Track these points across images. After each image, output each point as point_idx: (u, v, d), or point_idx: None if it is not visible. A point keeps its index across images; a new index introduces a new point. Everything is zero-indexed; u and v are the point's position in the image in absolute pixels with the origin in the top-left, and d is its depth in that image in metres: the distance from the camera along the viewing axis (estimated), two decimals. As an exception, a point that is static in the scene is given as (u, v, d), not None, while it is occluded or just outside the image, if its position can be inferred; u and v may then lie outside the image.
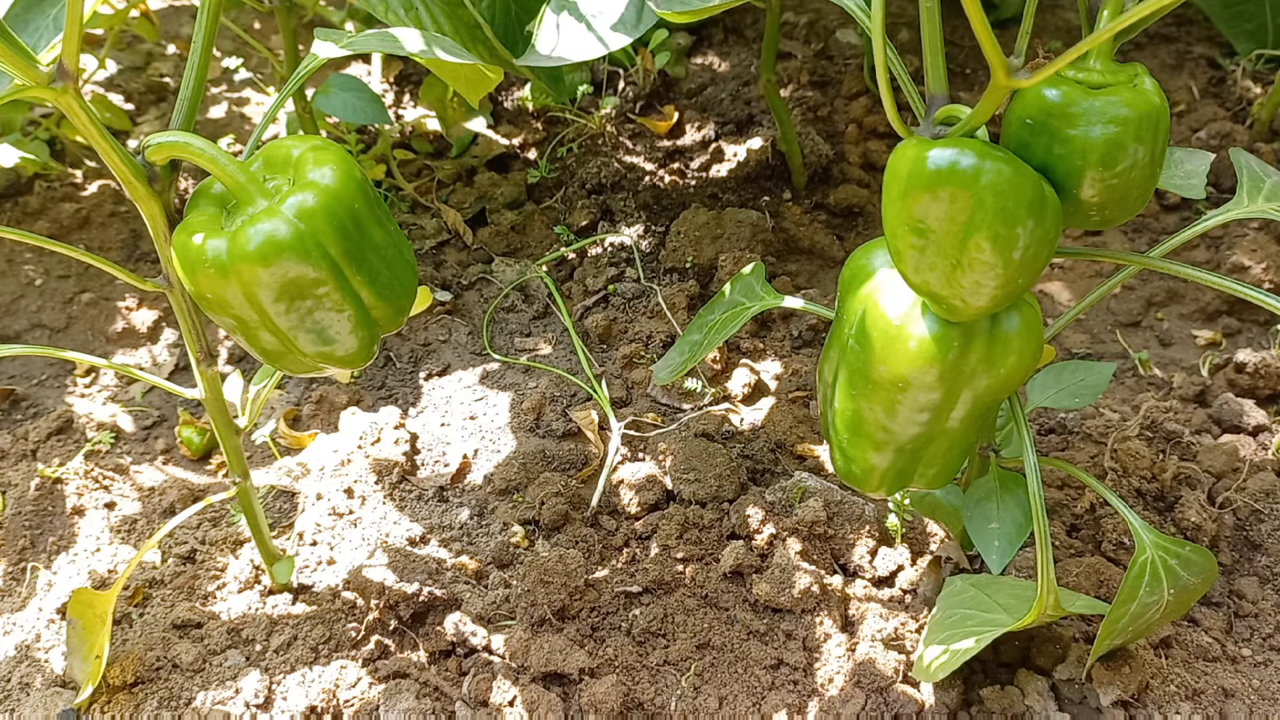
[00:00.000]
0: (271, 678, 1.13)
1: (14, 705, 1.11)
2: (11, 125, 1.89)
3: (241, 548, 1.29)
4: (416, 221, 1.84)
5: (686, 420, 1.44)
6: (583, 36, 1.07)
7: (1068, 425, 1.42)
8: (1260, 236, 1.67)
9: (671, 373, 1.11)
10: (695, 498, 1.32)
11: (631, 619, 1.19)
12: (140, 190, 0.79)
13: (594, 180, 1.83)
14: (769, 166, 1.85)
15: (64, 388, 1.60)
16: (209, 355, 0.96)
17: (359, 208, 0.78)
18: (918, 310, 0.79)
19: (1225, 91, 2.01)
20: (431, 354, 1.61)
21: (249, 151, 0.85)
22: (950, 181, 0.68)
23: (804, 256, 1.76)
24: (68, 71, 0.71)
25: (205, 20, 0.81)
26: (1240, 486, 1.30)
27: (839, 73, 2.06)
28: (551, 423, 1.47)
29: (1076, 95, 0.71)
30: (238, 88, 2.20)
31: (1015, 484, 1.01)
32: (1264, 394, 1.46)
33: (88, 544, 1.31)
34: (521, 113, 2.04)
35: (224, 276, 0.75)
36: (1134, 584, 0.92)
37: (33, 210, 1.85)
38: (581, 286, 1.70)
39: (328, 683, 1.12)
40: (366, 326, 0.83)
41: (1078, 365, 1.18)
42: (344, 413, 1.48)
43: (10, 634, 1.19)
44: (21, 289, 1.74)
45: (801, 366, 1.53)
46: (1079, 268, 1.74)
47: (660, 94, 2.04)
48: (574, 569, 1.21)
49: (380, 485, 1.35)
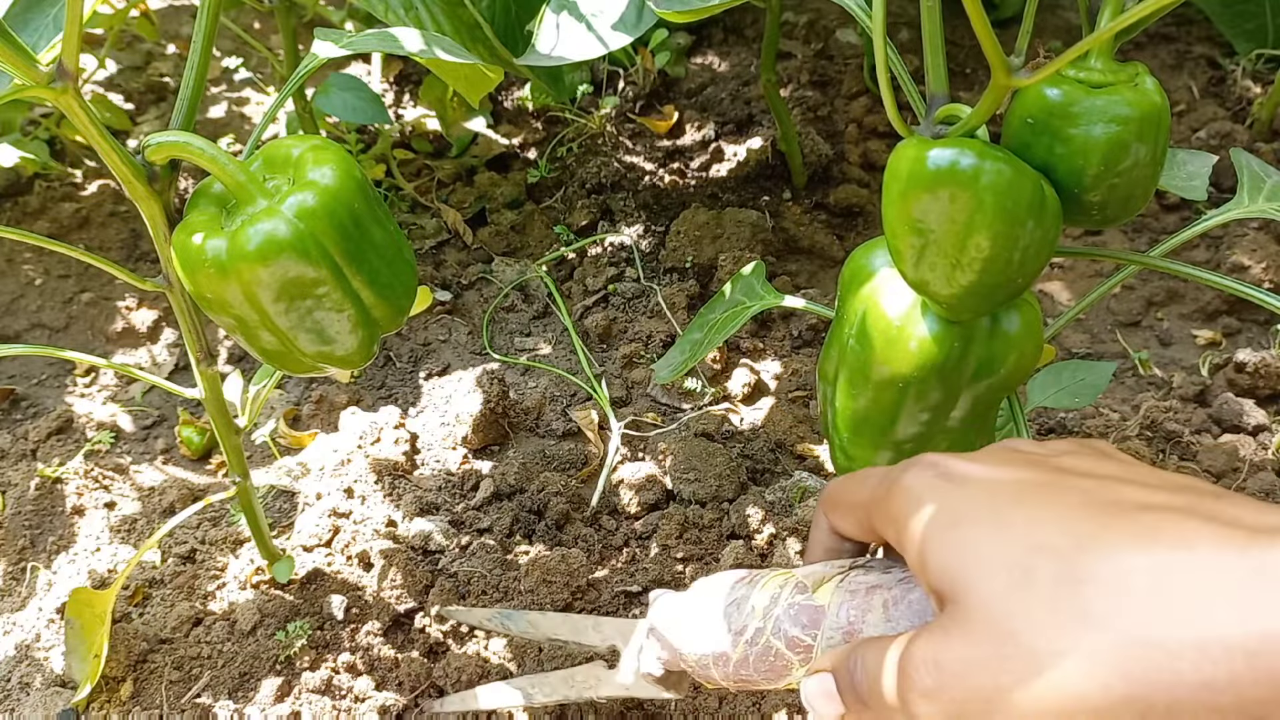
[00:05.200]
0: (272, 676, 1.13)
1: (14, 705, 1.11)
2: (11, 125, 1.89)
3: (241, 547, 1.29)
4: (416, 221, 1.84)
5: (686, 420, 1.44)
6: (583, 36, 1.07)
7: (1068, 425, 1.42)
8: (1260, 236, 1.67)
9: (672, 372, 1.11)
10: (695, 497, 1.32)
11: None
12: (140, 190, 0.79)
13: (594, 180, 1.83)
14: (769, 166, 1.85)
15: (64, 387, 1.60)
16: (209, 355, 0.96)
17: (359, 207, 0.78)
18: (918, 310, 0.79)
19: (1225, 91, 2.01)
20: (431, 354, 1.61)
21: (249, 151, 0.85)
22: (950, 181, 0.67)
23: (804, 256, 1.76)
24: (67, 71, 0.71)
25: (205, 20, 0.81)
26: (1240, 486, 1.30)
27: (839, 72, 2.06)
28: (551, 422, 1.47)
29: (1077, 94, 0.71)
30: (238, 88, 2.20)
31: (1015, 484, 1.01)
32: (1264, 394, 1.46)
33: (87, 544, 1.31)
34: (521, 112, 2.04)
35: (224, 276, 0.75)
36: (1134, 584, 0.92)
37: (33, 210, 1.85)
38: (581, 286, 1.70)
39: (319, 681, 1.12)
40: (366, 326, 0.82)
41: (1078, 365, 1.18)
42: (344, 412, 1.48)
43: (10, 634, 1.19)
44: (21, 289, 1.74)
45: (801, 366, 1.53)
46: (1079, 267, 1.74)
47: (660, 94, 2.04)
48: (576, 568, 1.21)
49: (380, 485, 1.35)
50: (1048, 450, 0.60)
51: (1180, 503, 0.50)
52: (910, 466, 0.60)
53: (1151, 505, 0.50)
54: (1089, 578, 0.47)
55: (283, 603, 1.19)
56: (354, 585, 1.22)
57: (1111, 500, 0.51)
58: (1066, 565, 0.48)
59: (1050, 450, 0.60)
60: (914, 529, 0.56)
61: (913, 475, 0.59)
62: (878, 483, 0.62)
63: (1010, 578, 0.50)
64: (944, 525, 0.54)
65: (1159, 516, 0.48)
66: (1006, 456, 0.59)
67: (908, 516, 0.57)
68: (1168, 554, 0.46)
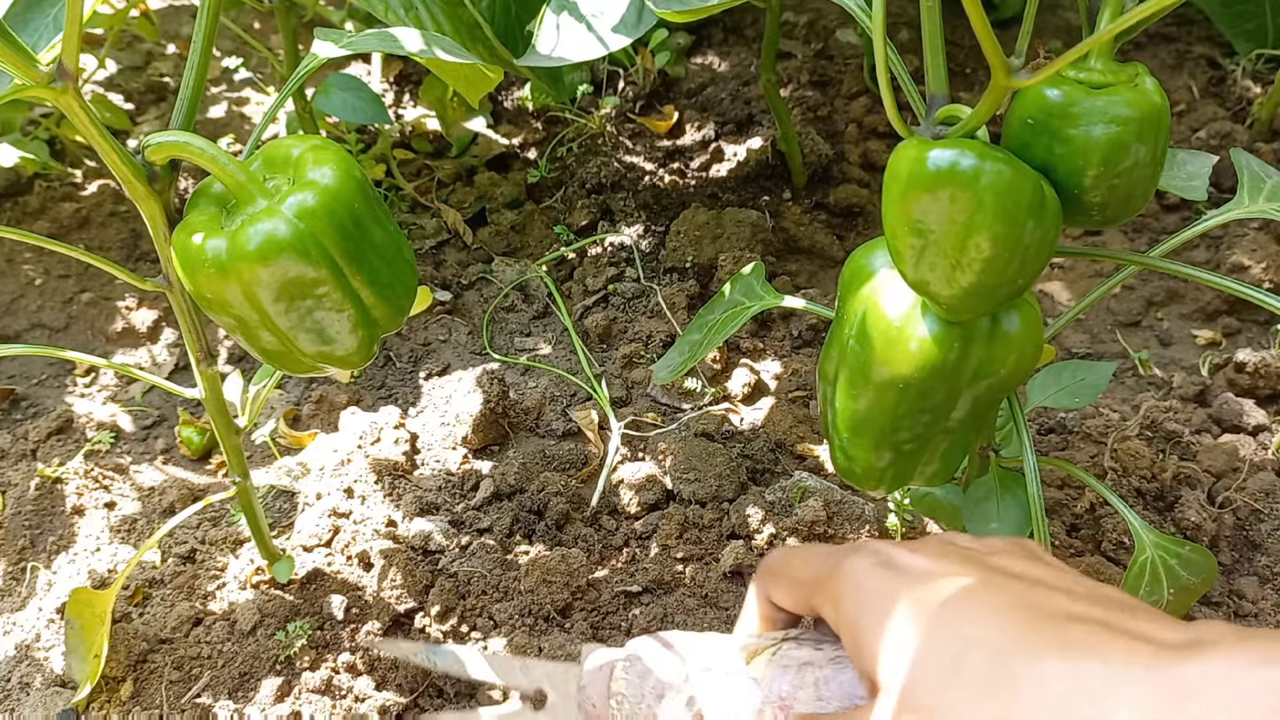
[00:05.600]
0: (272, 676, 1.13)
1: (14, 705, 1.11)
2: (11, 125, 1.89)
3: (241, 547, 1.29)
4: (416, 221, 1.84)
5: (686, 420, 1.44)
6: (583, 37, 1.07)
7: (1068, 425, 1.42)
8: (1260, 236, 1.67)
9: (671, 372, 1.11)
10: (695, 497, 1.32)
11: (631, 619, 1.19)
12: (140, 190, 0.79)
13: (594, 180, 1.83)
14: (769, 166, 1.85)
15: (64, 387, 1.60)
16: (209, 355, 0.96)
17: (359, 207, 0.78)
18: (918, 310, 0.79)
19: (1225, 91, 2.01)
20: (431, 354, 1.61)
21: (249, 151, 0.85)
22: (950, 182, 0.67)
23: (804, 256, 1.76)
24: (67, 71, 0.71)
25: (205, 20, 0.81)
26: (1240, 486, 1.30)
27: (839, 72, 2.06)
28: (551, 422, 1.47)
29: (1077, 95, 0.71)
30: (237, 87, 2.20)
31: (1015, 484, 1.01)
32: (1264, 394, 1.46)
33: (87, 544, 1.31)
34: (521, 112, 2.04)
35: (224, 276, 0.75)
36: (1134, 584, 0.92)
37: (33, 210, 1.85)
38: (581, 286, 1.70)
39: (319, 681, 1.12)
40: (366, 326, 0.82)
41: (1078, 365, 1.18)
42: (344, 412, 1.48)
43: (10, 634, 1.19)
44: (21, 289, 1.74)
45: (801, 366, 1.53)
46: (1079, 267, 1.74)
47: (660, 94, 2.04)
48: (576, 568, 1.21)
49: (380, 485, 1.35)
50: (984, 548, 0.64)
51: (1099, 614, 0.54)
52: (853, 552, 0.63)
53: (1074, 615, 0.54)
54: (1014, 676, 0.51)
55: (283, 603, 1.19)
56: (354, 585, 1.22)
57: (1039, 605, 0.55)
58: (994, 662, 0.52)
59: (987, 548, 0.64)
60: (852, 615, 0.60)
61: (856, 561, 0.62)
62: (821, 562, 0.66)
63: (940, 668, 0.53)
64: (881, 614, 0.58)
65: (1080, 627, 0.52)
66: (945, 550, 0.62)
67: (848, 601, 0.61)
68: (1084, 663, 0.50)
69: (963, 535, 0.67)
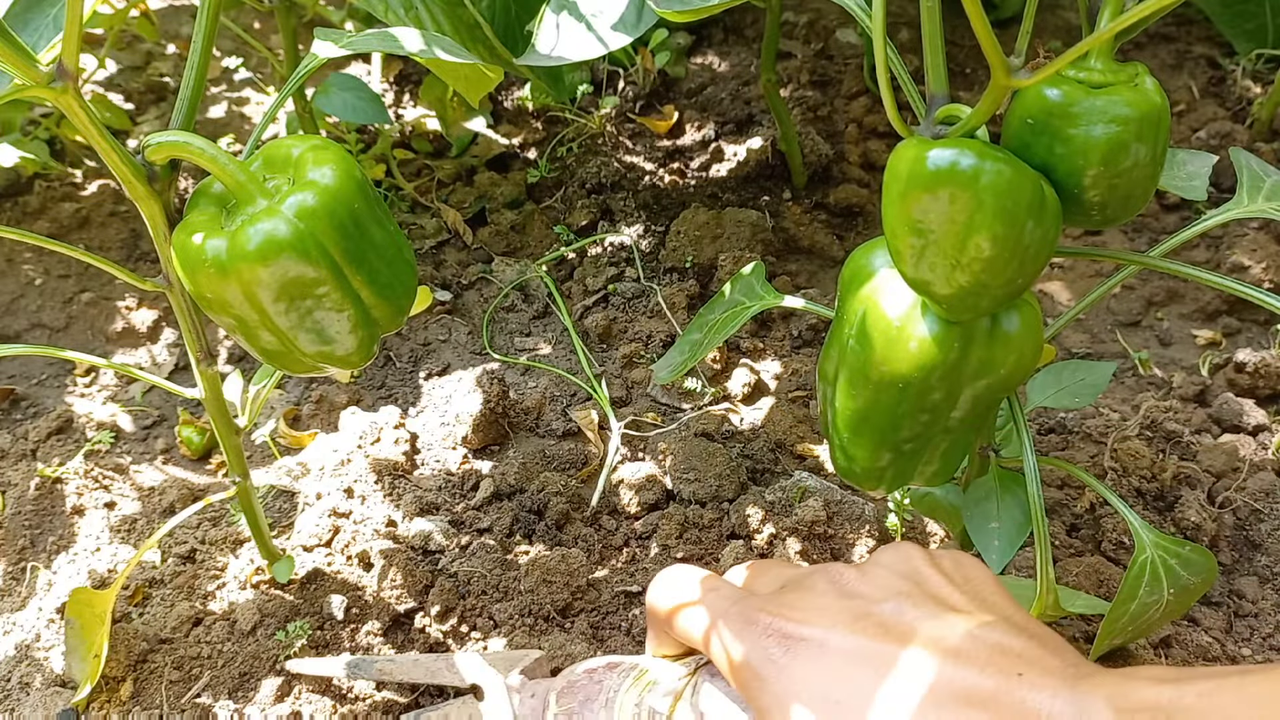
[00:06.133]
0: (272, 676, 1.13)
1: (14, 705, 1.11)
2: (11, 125, 1.89)
3: (241, 547, 1.29)
4: (416, 221, 1.84)
5: (686, 420, 1.44)
6: (583, 36, 1.07)
7: (1068, 425, 1.42)
8: (1260, 236, 1.67)
9: (671, 372, 1.11)
10: (695, 497, 1.32)
11: (632, 618, 1.19)
12: (140, 190, 0.79)
13: (594, 180, 1.83)
14: (769, 166, 1.85)
15: (64, 387, 1.60)
16: (209, 355, 0.96)
17: (359, 207, 0.78)
18: (918, 310, 0.79)
19: (1225, 91, 2.01)
20: (431, 354, 1.61)
21: (249, 151, 0.85)
22: (950, 182, 0.67)
23: (804, 256, 1.76)
24: (67, 71, 0.71)
25: (205, 20, 0.81)
26: (1240, 486, 1.30)
27: (839, 72, 2.06)
28: (551, 422, 1.47)
29: (1077, 94, 0.71)
30: (238, 87, 2.20)
31: (1015, 483, 1.01)
32: (1264, 394, 1.46)
33: (87, 544, 1.31)
34: (521, 112, 2.04)
35: (224, 276, 0.75)
36: (1134, 583, 0.92)
37: (33, 210, 1.85)
38: (581, 286, 1.70)
39: (319, 681, 1.12)
40: (366, 326, 0.83)
41: (1078, 365, 1.18)
42: (344, 412, 1.48)
43: (10, 634, 1.19)
44: (21, 289, 1.74)
45: (801, 366, 1.53)
46: (1079, 267, 1.74)
47: (660, 94, 2.04)
48: (577, 568, 1.21)
49: (380, 485, 1.35)
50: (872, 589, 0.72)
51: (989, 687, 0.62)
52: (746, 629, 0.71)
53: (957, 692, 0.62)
54: None
55: (283, 603, 1.19)
56: (354, 585, 1.22)
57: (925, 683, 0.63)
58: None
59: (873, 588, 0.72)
60: (756, 697, 0.68)
61: (750, 645, 0.70)
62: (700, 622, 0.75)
63: None
64: (783, 702, 0.66)
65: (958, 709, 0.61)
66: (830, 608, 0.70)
67: (743, 674, 0.69)
68: None
69: (849, 570, 0.74)
